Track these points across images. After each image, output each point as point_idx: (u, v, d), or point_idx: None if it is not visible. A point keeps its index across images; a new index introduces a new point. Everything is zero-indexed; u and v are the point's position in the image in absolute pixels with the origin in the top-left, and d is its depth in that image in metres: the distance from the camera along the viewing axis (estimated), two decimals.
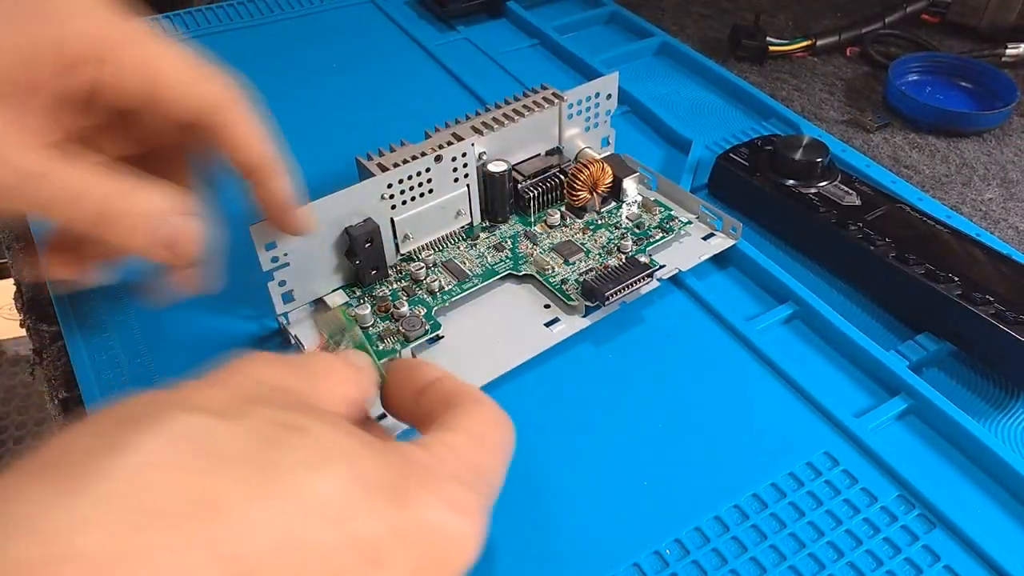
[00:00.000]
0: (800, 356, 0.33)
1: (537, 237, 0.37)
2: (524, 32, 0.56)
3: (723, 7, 0.61)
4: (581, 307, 0.33)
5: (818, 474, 0.29)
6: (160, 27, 0.54)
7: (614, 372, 0.32)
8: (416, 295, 0.34)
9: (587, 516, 0.28)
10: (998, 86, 0.50)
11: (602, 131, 0.40)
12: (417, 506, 0.17)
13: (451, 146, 0.34)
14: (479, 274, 0.35)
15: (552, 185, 0.38)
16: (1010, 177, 0.45)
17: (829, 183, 0.38)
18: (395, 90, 0.49)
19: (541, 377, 0.32)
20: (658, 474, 0.29)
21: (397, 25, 0.56)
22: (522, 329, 0.33)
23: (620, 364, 0.32)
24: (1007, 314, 0.31)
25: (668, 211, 0.38)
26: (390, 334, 0.32)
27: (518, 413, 0.31)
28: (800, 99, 0.51)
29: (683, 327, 0.34)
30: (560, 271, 0.35)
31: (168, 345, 0.33)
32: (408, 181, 0.33)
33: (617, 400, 0.31)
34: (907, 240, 0.35)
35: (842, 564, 0.26)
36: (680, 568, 0.26)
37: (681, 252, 0.36)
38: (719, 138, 0.46)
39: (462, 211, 0.36)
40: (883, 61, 0.53)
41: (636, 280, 0.33)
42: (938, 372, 0.33)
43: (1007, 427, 0.31)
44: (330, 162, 0.37)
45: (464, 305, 0.34)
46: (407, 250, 0.35)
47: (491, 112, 0.37)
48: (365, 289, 0.34)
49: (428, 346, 0.33)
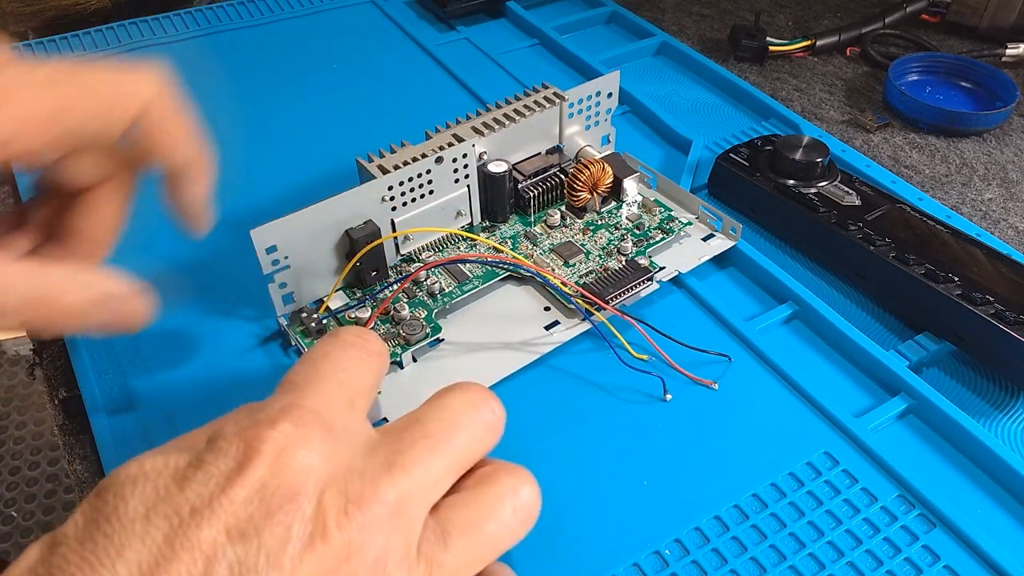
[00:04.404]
0: (800, 356, 0.33)
1: (537, 238, 0.37)
2: (524, 32, 0.56)
3: (723, 7, 0.61)
4: (578, 311, 0.33)
5: (818, 474, 0.29)
6: (161, 27, 0.54)
7: (614, 372, 0.32)
8: (417, 297, 0.34)
9: (587, 516, 0.28)
10: (998, 86, 0.50)
11: (603, 129, 0.40)
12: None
13: (452, 147, 0.34)
14: (479, 275, 0.35)
15: (552, 185, 0.38)
16: (1010, 177, 0.45)
17: (829, 183, 0.38)
18: (395, 90, 0.49)
19: (541, 376, 0.32)
20: (658, 474, 0.29)
21: (397, 25, 0.56)
22: (522, 332, 0.33)
23: (620, 364, 0.32)
24: (1007, 314, 0.31)
25: (668, 212, 0.38)
26: (391, 337, 0.32)
27: (518, 413, 0.31)
28: (800, 99, 0.51)
29: (683, 327, 0.34)
30: (560, 272, 0.35)
31: (168, 345, 0.33)
32: (409, 183, 0.33)
33: (617, 400, 0.31)
34: (907, 240, 0.35)
35: (842, 564, 0.26)
36: (680, 568, 0.26)
37: (681, 253, 0.36)
38: (719, 138, 0.46)
39: (462, 211, 0.36)
40: (883, 61, 0.53)
41: (636, 284, 0.33)
42: (938, 372, 0.33)
43: (1007, 427, 0.31)
44: (330, 162, 0.37)
45: (464, 307, 0.34)
46: (407, 251, 0.35)
47: (492, 112, 0.37)
48: (366, 291, 0.34)
49: (429, 349, 0.33)
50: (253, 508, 0.17)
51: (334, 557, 0.17)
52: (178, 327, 0.34)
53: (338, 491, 0.18)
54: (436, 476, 0.20)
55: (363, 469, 0.19)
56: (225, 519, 0.17)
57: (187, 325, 0.34)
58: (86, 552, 0.16)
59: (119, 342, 0.33)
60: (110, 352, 0.33)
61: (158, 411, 0.31)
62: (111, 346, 0.33)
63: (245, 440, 0.18)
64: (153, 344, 0.33)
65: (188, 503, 0.17)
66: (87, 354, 0.33)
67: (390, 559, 0.18)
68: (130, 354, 0.33)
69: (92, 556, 0.16)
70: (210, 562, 0.16)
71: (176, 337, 0.34)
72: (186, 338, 0.34)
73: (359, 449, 0.19)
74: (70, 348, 0.33)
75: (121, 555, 0.16)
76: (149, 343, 0.33)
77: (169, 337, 0.34)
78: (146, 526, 0.17)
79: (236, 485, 0.17)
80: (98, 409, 0.31)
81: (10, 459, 1.28)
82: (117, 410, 0.31)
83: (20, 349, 1.46)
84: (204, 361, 0.33)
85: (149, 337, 0.33)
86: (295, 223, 0.31)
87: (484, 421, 0.21)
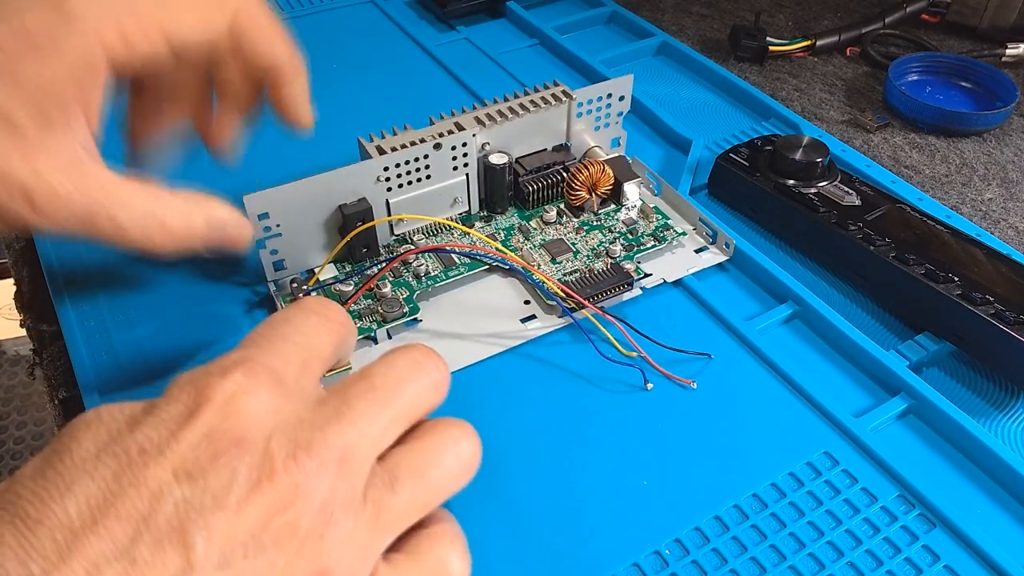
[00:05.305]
0: (800, 356, 0.33)
1: (530, 232, 0.37)
2: (524, 32, 0.56)
3: (723, 7, 0.61)
4: (558, 307, 0.34)
5: (818, 474, 0.29)
6: None
7: (614, 371, 0.32)
8: (402, 277, 0.34)
9: (587, 516, 0.28)
10: (998, 86, 0.50)
11: (613, 132, 0.40)
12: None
13: (451, 135, 0.35)
14: (466, 263, 0.35)
15: (553, 182, 0.38)
16: (1010, 177, 0.45)
17: (829, 183, 0.38)
18: (395, 90, 0.49)
19: (541, 376, 0.32)
20: (658, 474, 0.29)
21: (397, 25, 0.56)
22: (499, 323, 0.34)
23: (620, 363, 0.32)
24: (1007, 314, 0.31)
25: (665, 220, 0.38)
26: (370, 313, 0.33)
27: (519, 412, 0.31)
28: (800, 99, 0.51)
29: (683, 327, 0.34)
30: (546, 268, 0.35)
31: (169, 346, 0.33)
32: (405, 166, 0.34)
33: (617, 399, 0.31)
34: (907, 240, 0.35)
35: (842, 564, 0.26)
36: (680, 568, 0.26)
37: (671, 263, 0.37)
38: (719, 138, 0.46)
39: (459, 199, 0.37)
40: (883, 61, 0.53)
41: (615, 287, 0.34)
42: (938, 372, 0.33)
43: (1007, 427, 0.31)
44: (330, 162, 0.37)
45: (447, 293, 0.35)
46: (400, 232, 0.36)
47: (498, 104, 0.37)
48: (355, 266, 0.35)
49: (405, 328, 0.33)
50: (200, 451, 0.18)
51: (280, 500, 0.18)
52: (178, 327, 0.34)
53: (286, 438, 0.19)
54: (382, 427, 0.20)
55: (311, 419, 0.19)
56: (173, 460, 0.17)
57: (189, 325, 0.34)
58: (37, 487, 0.17)
59: (119, 342, 0.33)
60: (110, 352, 0.33)
61: None
62: (111, 346, 0.33)
63: (197, 388, 0.19)
64: (153, 344, 0.33)
65: (137, 444, 0.18)
66: (87, 354, 0.33)
67: (336, 504, 0.19)
68: (130, 354, 0.33)
69: (43, 491, 0.17)
70: (156, 499, 0.17)
71: (177, 337, 0.34)
72: (187, 338, 0.34)
73: (309, 403, 0.20)
74: (70, 348, 0.33)
75: (70, 490, 0.17)
76: (149, 343, 0.33)
77: (169, 337, 0.34)
78: (96, 464, 0.17)
79: (185, 429, 0.18)
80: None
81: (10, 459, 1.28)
82: None
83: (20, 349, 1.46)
84: (205, 359, 0.33)
85: (149, 337, 0.34)
86: (289, 193, 0.32)
87: (429, 378, 0.22)
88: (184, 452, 0.18)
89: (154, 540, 0.17)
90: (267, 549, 0.18)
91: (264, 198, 0.32)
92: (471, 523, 0.23)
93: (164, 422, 0.18)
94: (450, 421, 0.22)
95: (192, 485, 0.17)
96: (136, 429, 0.18)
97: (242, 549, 0.17)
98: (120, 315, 0.34)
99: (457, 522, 0.22)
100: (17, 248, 0.40)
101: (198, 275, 0.36)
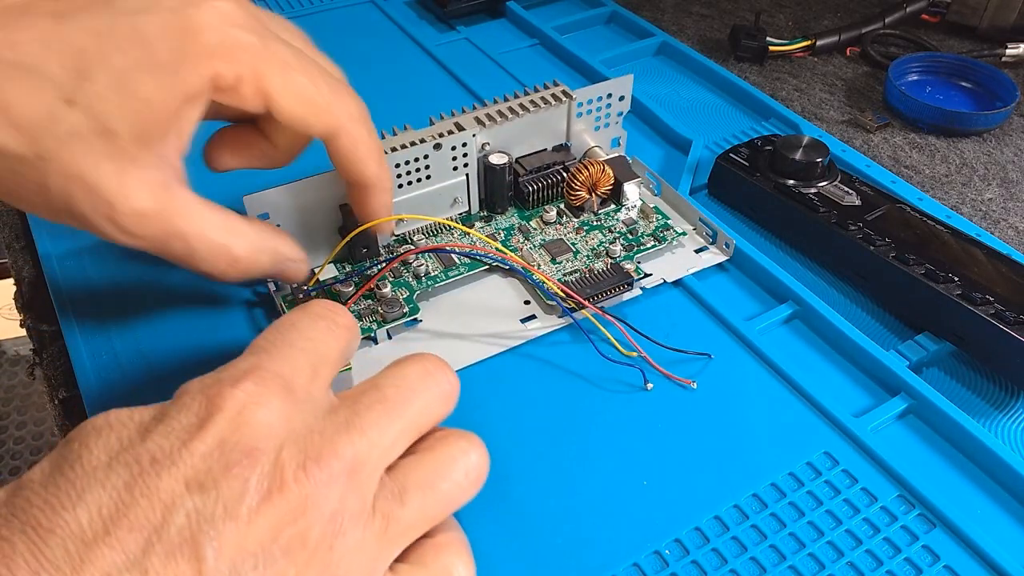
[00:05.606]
0: (800, 356, 0.33)
1: (530, 232, 0.37)
2: (524, 32, 0.56)
3: (723, 7, 0.61)
4: (558, 307, 0.34)
5: (818, 474, 0.29)
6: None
7: (614, 371, 0.32)
8: (402, 277, 0.34)
9: (587, 516, 0.28)
10: (998, 86, 0.50)
11: (613, 132, 0.40)
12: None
13: (451, 135, 0.35)
14: (466, 263, 0.35)
15: (553, 181, 0.38)
16: (1010, 177, 0.45)
17: (829, 183, 0.38)
18: (395, 90, 0.49)
19: (541, 376, 0.32)
20: (658, 474, 0.29)
21: (397, 25, 0.56)
22: (499, 323, 0.34)
23: (620, 363, 0.32)
24: (1007, 314, 0.31)
25: (665, 220, 0.38)
26: (369, 313, 0.33)
27: (519, 412, 0.31)
28: (800, 99, 0.51)
29: (683, 327, 0.34)
30: (546, 268, 0.35)
31: (168, 345, 0.33)
32: (405, 166, 0.34)
33: (617, 399, 0.31)
34: (907, 240, 0.35)
35: (842, 564, 0.26)
36: (680, 568, 0.26)
37: (671, 263, 0.37)
38: (719, 138, 0.46)
39: (459, 199, 0.37)
40: (883, 61, 0.53)
41: (615, 288, 0.34)
42: (938, 372, 0.33)
43: (1007, 427, 0.31)
44: (330, 162, 0.37)
45: (447, 293, 0.35)
46: (400, 232, 0.36)
47: (498, 104, 0.37)
48: (355, 266, 0.35)
49: (405, 329, 0.33)
50: (212, 462, 0.18)
51: (291, 510, 0.18)
52: (178, 328, 0.34)
53: (297, 448, 0.19)
54: (392, 438, 0.21)
55: (322, 429, 0.19)
56: (184, 471, 0.17)
57: (188, 325, 0.34)
58: (48, 495, 0.17)
59: (119, 342, 0.33)
60: (110, 352, 0.33)
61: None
62: (111, 346, 0.33)
63: (208, 397, 0.19)
64: (153, 344, 0.33)
65: (149, 453, 0.18)
66: (87, 354, 0.33)
67: (346, 515, 0.19)
68: (130, 354, 0.33)
69: (54, 499, 0.17)
70: (168, 510, 0.17)
71: (176, 338, 0.34)
72: (186, 338, 0.34)
73: (319, 412, 0.20)
74: (70, 348, 0.33)
75: (82, 499, 0.17)
76: (149, 343, 0.33)
77: (169, 337, 0.34)
78: (107, 473, 0.17)
79: (196, 439, 0.18)
80: (98, 409, 0.31)
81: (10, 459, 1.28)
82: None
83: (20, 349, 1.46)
84: (205, 359, 0.33)
85: (149, 337, 0.34)
86: (289, 193, 0.32)
87: (439, 389, 0.22)
88: (196, 463, 0.18)
89: (166, 551, 0.17)
90: (277, 560, 0.18)
91: (264, 198, 0.32)
92: (471, 523, 0.23)
93: (175, 431, 0.18)
94: (459, 433, 0.22)
95: (204, 496, 0.17)
96: (147, 438, 0.18)
97: (252, 560, 0.17)
98: (120, 315, 0.34)
99: (463, 530, 0.22)
100: (17, 248, 0.40)
101: (198, 275, 0.36)
